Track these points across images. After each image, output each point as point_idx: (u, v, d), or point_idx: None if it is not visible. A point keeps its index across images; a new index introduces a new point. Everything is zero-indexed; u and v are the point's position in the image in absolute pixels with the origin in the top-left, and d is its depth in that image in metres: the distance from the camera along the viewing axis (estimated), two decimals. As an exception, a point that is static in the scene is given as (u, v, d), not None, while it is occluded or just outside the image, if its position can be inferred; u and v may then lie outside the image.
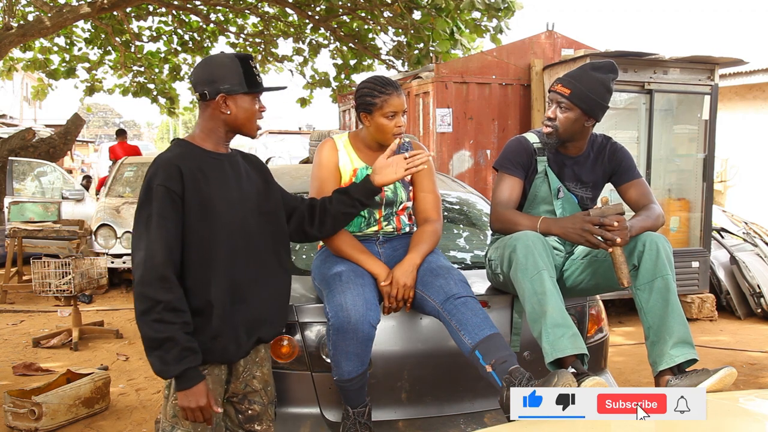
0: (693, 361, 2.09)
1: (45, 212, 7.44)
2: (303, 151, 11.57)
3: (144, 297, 1.73)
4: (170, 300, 1.73)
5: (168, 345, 1.72)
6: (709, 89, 5.69)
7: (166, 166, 1.82)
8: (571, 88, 2.33)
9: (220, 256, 1.86)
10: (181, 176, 1.81)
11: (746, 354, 4.89)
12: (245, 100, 1.90)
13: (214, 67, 1.90)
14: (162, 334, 1.71)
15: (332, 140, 2.46)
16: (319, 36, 9.81)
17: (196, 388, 1.76)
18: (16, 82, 22.62)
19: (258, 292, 1.94)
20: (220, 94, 1.86)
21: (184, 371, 1.74)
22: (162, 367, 1.74)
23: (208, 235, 1.84)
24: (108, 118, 52.55)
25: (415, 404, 2.38)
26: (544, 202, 2.48)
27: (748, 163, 9.36)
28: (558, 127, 2.36)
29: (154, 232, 1.76)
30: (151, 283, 1.73)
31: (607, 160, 2.50)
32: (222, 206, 1.87)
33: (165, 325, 1.72)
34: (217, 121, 1.91)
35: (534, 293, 2.09)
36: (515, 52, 6.45)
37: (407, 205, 2.49)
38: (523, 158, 2.46)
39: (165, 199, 1.78)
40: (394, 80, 2.36)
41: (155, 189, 1.78)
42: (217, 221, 1.86)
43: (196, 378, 1.77)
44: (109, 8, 7.65)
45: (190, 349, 1.75)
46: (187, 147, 1.91)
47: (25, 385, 3.77)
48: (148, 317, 1.72)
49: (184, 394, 1.77)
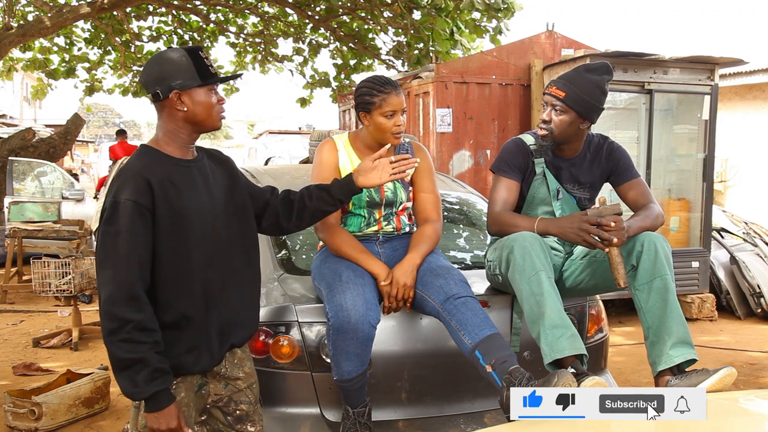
0: (692, 361, 2.09)
1: (45, 212, 7.44)
2: (303, 151, 11.57)
3: (112, 316, 1.64)
4: (140, 320, 1.65)
5: (138, 366, 1.64)
6: (709, 89, 5.69)
7: (135, 179, 1.72)
8: (566, 90, 2.32)
9: (193, 268, 1.78)
10: (151, 189, 1.71)
11: (746, 354, 4.89)
12: (200, 94, 1.79)
13: (163, 64, 1.79)
14: (132, 354, 1.64)
15: (332, 140, 2.46)
16: (319, 36, 9.81)
17: (167, 411, 1.69)
18: (16, 82, 22.61)
19: (229, 296, 1.88)
20: (173, 91, 1.77)
21: (154, 393, 1.66)
22: (132, 390, 1.66)
23: (180, 247, 1.77)
24: (108, 118, 52.53)
25: (415, 404, 2.38)
26: (543, 204, 2.47)
27: (748, 163, 9.36)
28: (553, 130, 2.36)
29: (124, 249, 1.67)
30: (121, 302, 1.64)
31: (605, 161, 2.49)
32: (193, 217, 1.79)
33: (135, 345, 1.64)
34: (177, 121, 1.81)
35: (532, 294, 2.09)
36: (515, 52, 6.45)
37: (407, 206, 2.49)
38: (520, 160, 2.46)
39: (134, 215, 1.68)
40: (393, 80, 2.36)
41: (123, 204, 1.69)
42: (190, 233, 1.78)
43: (167, 400, 1.70)
44: (109, 8, 7.65)
45: (160, 371, 1.67)
46: (154, 155, 1.80)
47: (25, 385, 3.77)
48: (116, 337, 1.64)
49: (154, 416, 1.69)
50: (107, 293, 1.66)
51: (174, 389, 1.79)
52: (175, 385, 1.80)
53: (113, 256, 1.68)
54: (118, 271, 1.66)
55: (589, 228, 2.13)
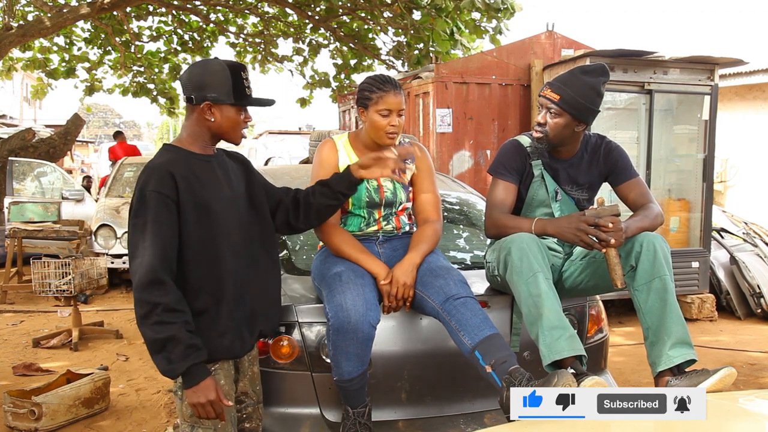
0: (692, 361, 2.08)
1: (45, 212, 7.43)
2: (303, 151, 11.57)
3: (143, 301, 1.74)
4: (168, 302, 1.74)
5: (171, 345, 1.73)
6: (709, 89, 5.69)
7: (158, 172, 1.83)
8: (561, 93, 2.30)
9: (221, 255, 1.89)
10: (174, 181, 1.83)
11: (746, 354, 4.89)
12: (231, 111, 1.91)
13: (204, 73, 1.90)
14: (163, 334, 1.73)
15: (332, 140, 2.46)
16: (319, 36, 9.81)
17: (203, 384, 1.78)
18: (16, 82, 22.62)
19: (255, 287, 1.99)
20: (206, 101, 1.88)
21: (189, 368, 1.75)
22: (168, 366, 1.75)
23: (207, 235, 1.87)
24: (108, 118, 52.53)
25: (415, 404, 2.38)
26: (542, 206, 2.47)
27: (748, 163, 9.36)
28: (548, 133, 2.35)
29: (150, 237, 1.78)
30: (149, 288, 1.74)
31: (603, 161, 2.48)
32: (218, 206, 1.90)
33: (166, 326, 1.73)
34: (202, 127, 1.92)
35: (530, 296, 2.09)
36: (515, 52, 6.45)
37: (406, 206, 2.49)
38: (517, 162, 2.45)
39: (160, 205, 1.80)
40: (395, 80, 2.36)
41: (149, 195, 1.80)
42: (215, 221, 1.89)
43: (203, 373, 1.78)
44: (109, 8, 7.66)
45: (193, 346, 1.76)
46: (177, 152, 1.92)
47: (25, 385, 3.77)
48: (148, 320, 1.74)
49: (192, 391, 1.78)
50: (137, 280, 1.76)
51: (214, 375, 1.88)
52: (214, 371, 1.90)
53: (141, 245, 1.78)
54: (145, 258, 1.76)
55: (587, 228, 2.13)
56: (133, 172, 8.23)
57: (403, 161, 2.37)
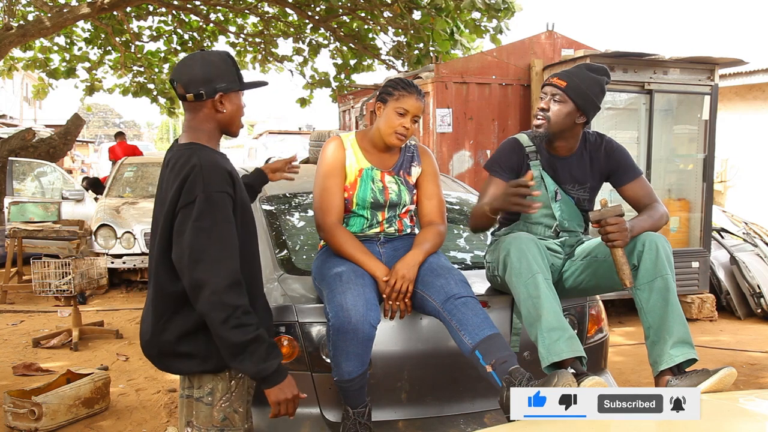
0: (693, 360, 2.08)
1: (45, 212, 7.43)
2: (303, 152, 11.58)
3: (222, 305, 1.69)
4: (245, 303, 1.73)
5: (255, 345, 1.72)
6: (709, 89, 5.69)
7: (219, 171, 1.77)
8: (568, 80, 2.33)
9: (255, 254, 1.93)
10: (233, 180, 1.80)
11: (746, 354, 4.89)
12: (237, 98, 1.89)
13: (207, 65, 1.84)
14: (248, 336, 1.71)
15: (339, 138, 2.46)
16: (319, 36, 9.82)
17: (288, 380, 1.79)
18: (16, 82, 22.63)
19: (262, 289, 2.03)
20: (218, 93, 1.83)
21: (277, 366, 1.76)
22: (260, 366, 1.73)
23: (246, 234, 1.88)
24: (108, 118, 52.55)
25: (415, 404, 2.38)
26: (542, 206, 2.47)
27: (748, 163, 9.36)
28: (550, 118, 2.35)
29: (224, 239, 1.73)
30: (230, 290, 1.70)
31: (604, 160, 2.47)
32: (248, 207, 1.93)
33: (248, 328, 1.71)
34: (213, 122, 1.87)
35: (529, 297, 2.09)
36: (515, 52, 6.45)
37: (410, 208, 2.49)
38: (513, 161, 2.45)
39: (226, 205, 1.76)
40: (421, 88, 2.39)
41: (216, 196, 1.74)
42: (250, 220, 1.92)
43: (285, 371, 1.79)
44: (109, 8, 7.66)
45: (273, 345, 1.78)
46: (213, 151, 1.85)
47: (25, 385, 3.77)
48: (229, 324, 1.69)
49: (278, 389, 1.77)
50: (214, 285, 1.70)
51: (243, 378, 1.89)
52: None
53: (212, 248, 1.72)
54: (223, 260, 1.72)
55: (513, 190, 2.09)
56: (132, 173, 8.22)
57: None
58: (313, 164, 3.57)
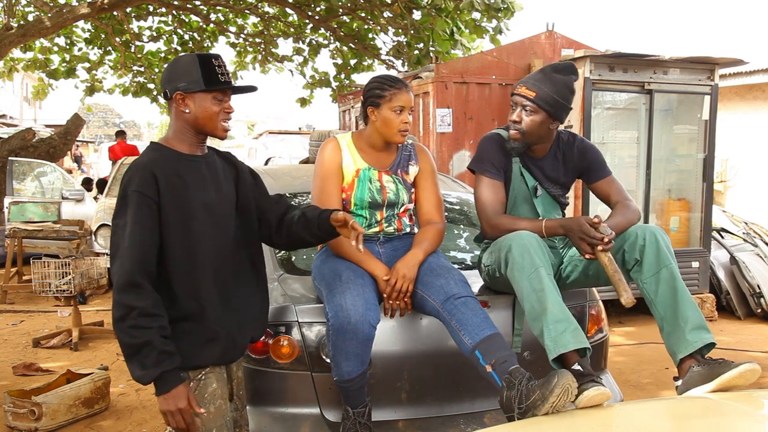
0: (712, 345, 2.06)
1: (45, 212, 7.44)
2: (303, 152, 11.58)
3: (119, 304, 1.71)
4: (144, 306, 1.70)
5: (145, 350, 1.69)
6: (709, 89, 5.69)
7: (141, 172, 1.80)
8: (536, 90, 2.32)
9: (204, 259, 1.84)
10: (156, 181, 1.79)
11: (746, 354, 4.89)
12: (204, 99, 1.85)
13: (174, 66, 1.90)
14: (139, 339, 1.69)
15: (335, 140, 2.46)
16: (319, 36, 9.82)
17: (175, 391, 1.73)
18: (16, 82, 22.62)
19: (241, 291, 1.95)
20: (177, 92, 1.85)
21: (161, 374, 1.71)
22: (141, 373, 1.71)
23: (190, 239, 1.83)
24: (108, 118, 52.56)
25: (415, 404, 2.38)
26: (525, 202, 2.49)
27: (748, 163, 9.36)
28: (524, 131, 2.36)
29: (128, 239, 1.74)
30: (125, 291, 1.70)
31: (577, 159, 2.51)
32: (201, 210, 1.85)
33: (141, 330, 1.69)
34: (181, 121, 1.88)
35: (533, 291, 2.08)
36: (515, 52, 6.45)
37: (409, 207, 2.49)
38: (501, 159, 2.46)
39: (141, 206, 1.76)
40: (403, 79, 2.38)
41: (130, 195, 1.77)
42: (199, 224, 1.84)
43: (175, 381, 1.73)
44: (109, 8, 7.66)
45: (166, 353, 1.72)
46: (162, 151, 1.88)
47: (25, 385, 3.77)
48: (123, 324, 1.70)
49: (164, 398, 1.73)
50: (116, 282, 1.73)
51: (204, 380, 1.86)
52: (204, 375, 1.87)
53: (120, 247, 1.75)
54: (125, 260, 1.73)
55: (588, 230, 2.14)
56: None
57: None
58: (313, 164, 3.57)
